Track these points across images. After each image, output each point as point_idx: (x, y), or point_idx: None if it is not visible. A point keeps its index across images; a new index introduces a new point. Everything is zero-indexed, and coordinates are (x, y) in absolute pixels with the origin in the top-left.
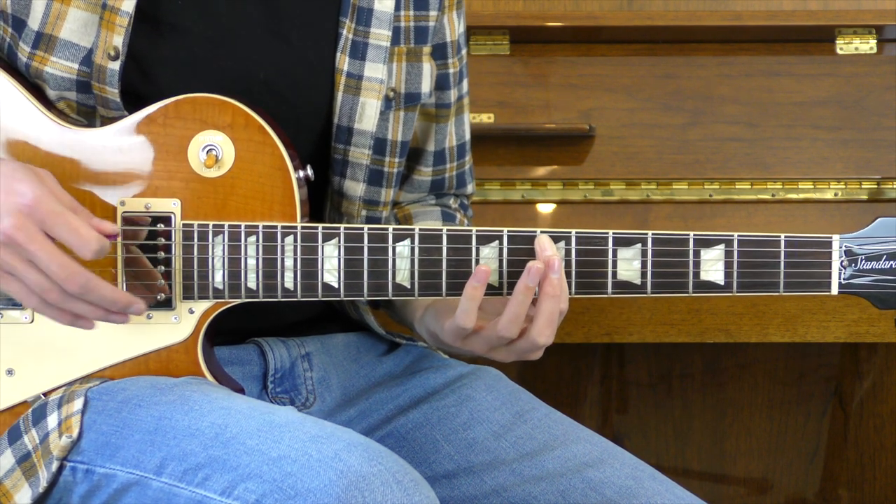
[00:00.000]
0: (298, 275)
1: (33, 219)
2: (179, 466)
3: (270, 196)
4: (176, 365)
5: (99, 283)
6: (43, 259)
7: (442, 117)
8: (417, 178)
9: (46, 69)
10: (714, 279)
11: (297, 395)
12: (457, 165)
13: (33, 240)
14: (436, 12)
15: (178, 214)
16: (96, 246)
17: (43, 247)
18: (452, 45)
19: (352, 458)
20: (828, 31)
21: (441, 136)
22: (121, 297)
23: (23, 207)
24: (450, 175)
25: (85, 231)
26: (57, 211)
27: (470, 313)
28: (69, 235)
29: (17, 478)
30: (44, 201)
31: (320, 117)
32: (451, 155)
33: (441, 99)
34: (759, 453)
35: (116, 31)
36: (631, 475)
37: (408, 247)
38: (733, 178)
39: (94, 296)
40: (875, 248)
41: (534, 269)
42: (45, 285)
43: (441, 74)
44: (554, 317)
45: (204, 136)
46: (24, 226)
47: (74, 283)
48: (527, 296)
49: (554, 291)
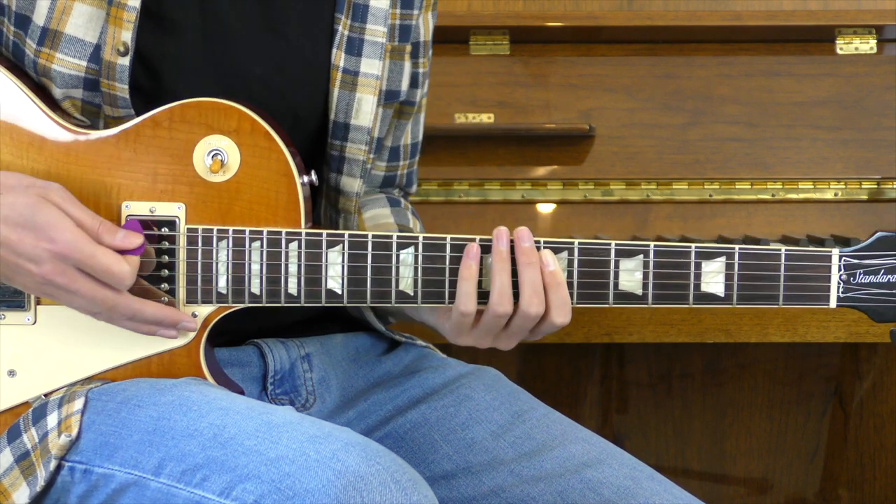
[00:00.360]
0: (302, 281)
1: (68, 262)
2: (178, 467)
3: (275, 201)
4: (178, 368)
5: (143, 306)
6: (87, 295)
7: (405, 115)
8: (373, 173)
9: (54, 66)
10: (714, 291)
11: (296, 396)
12: (409, 164)
13: (74, 281)
14: (418, 11)
15: (182, 219)
16: (130, 280)
17: (84, 287)
18: (425, 44)
19: (350, 458)
20: (828, 31)
21: (399, 133)
22: (168, 314)
23: (57, 255)
24: (401, 173)
25: (117, 268)
26: (88, 253)
27: (470, 296)
28: (104, 276)
29: (16, 476)
30: (75, 247)
31: (317, 114)
32: (406, 152)
33: (409, 97)
34: (759, 453)
35: (124, 27)
36: (629, 475)
37: (411, 254)
38: (733, 178)
39: (142, 320)
40: (873, 263)
41: (500, 231)
42: (94, 310)
43: (413, 73)
44: (537, 285)
45: (209, 141)
46: (63, 271)
47: (120, 313)
48: (504, 262)
49: (528, 259)
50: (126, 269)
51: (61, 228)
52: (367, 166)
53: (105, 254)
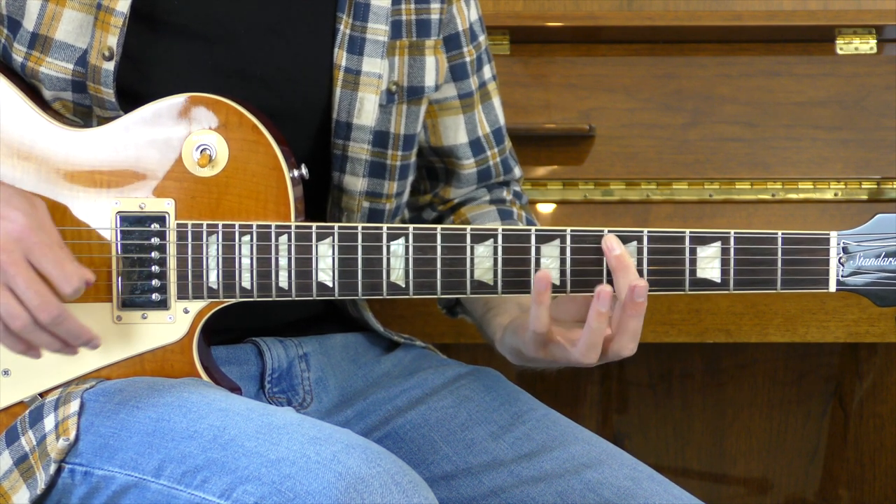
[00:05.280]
0: (293, 274)
1: (21, 245)
2: (178, 468)
3: (265, 195)
4: (171, 364)
5: (70, 316)
6: (20, 284)
7: (467, 107)
8: (462, 173)
9: (42, 69)
10: (711, 277)
11: (294, 396)
12: (498, 151)
13: (16, 264)
14: (439, 4)
15: (172, 214)
16: (77, 283)
17: (23, 273)
18: (465, 33)
19: (350, 459)
20: (828, 31)
21: (472, 126)
22: (85, 332)
23: (12, 233)
24: (494, 162)
25: (70, 266)
26: (45, 242)
27: (541, 318)
28: (53, 268)
29: (15, 479)
30: (34, 231)
31: (319, 113)
32: (489, 142)
33: (462, 89)
34: (759, 453)
35: (111, 31)
36: (629, 476)
37: (402, 245)
38: (733, 178)
39: (62, 328)
40: (874, 245)
41: (603, 293)
42: (16, 311)
43: (457, 64)
44: (638, 332)
45: (197, 136)
46: (10, 250)
47: (48, 313)
48: (601, 323)
49: (639, 312)
50: (77, 270)
51: (29, 219)
52: (371, 163)
53: (62, 252)
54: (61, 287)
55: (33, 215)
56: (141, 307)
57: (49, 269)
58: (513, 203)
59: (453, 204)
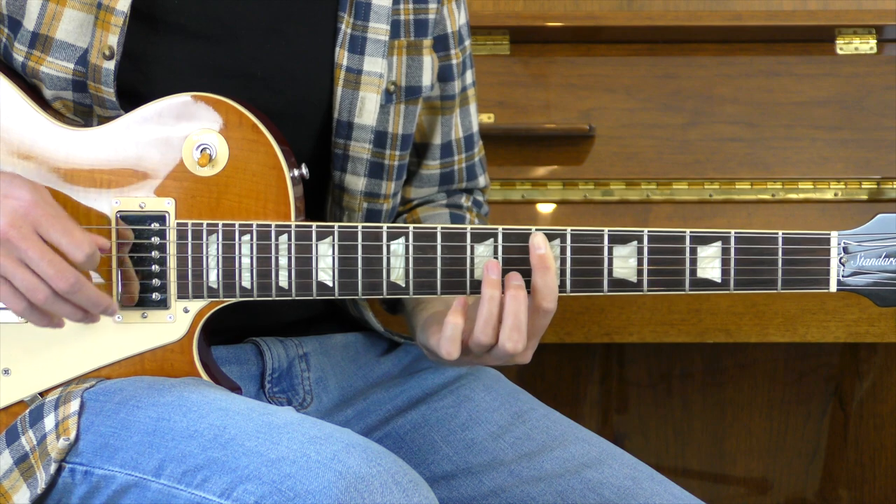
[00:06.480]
0: (293, 273)
1: (28, 219)
2: (178, 468)
3: (265, 195)
4: (171, 364)
5: (87, 282)
6: (34, 257)
7: (447, 109)
8: (425, 173)
9: (42, 69)
10: (711, 276)
11: (294, 395)
12: (465, 157)
13: (27, 238)
14: (435, 4)
15: (172, 213)
16: (89, 249)
17: (35, 245)
18: (453, 35)
19: (351, 459)
20: (828, 31)
21: (447, 129)
22: (104, 298)
23: (18, 208)
24: (459, 167)
25: (79, 234)
26: (52, 213)
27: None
28: (62, 237)
29: (16, 478)
30: (40, 204)
31: (320, 113)
32: (459, 147)
33: (445, 91)
34: (759, 453)
35: (111, 31)
36: (629, 475)
37: (402, 245)
38: (733, 178)
39: (80, 295)
40: (875, 245)
41: (489, 264)
42: (34, 284)
43: (444, 66)
44: (520, 320)
45: (197, 135)
46: (19, 225)
47: (65, 280)
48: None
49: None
50: (87, 237)
51: (33, 194)
52: (371, 162)
53: (69, 220)
54: (73, 254)
55: (37, 193)
56: (141, 306)
57: (58, 239)
58: (469, 210)
59: (412, 205)
